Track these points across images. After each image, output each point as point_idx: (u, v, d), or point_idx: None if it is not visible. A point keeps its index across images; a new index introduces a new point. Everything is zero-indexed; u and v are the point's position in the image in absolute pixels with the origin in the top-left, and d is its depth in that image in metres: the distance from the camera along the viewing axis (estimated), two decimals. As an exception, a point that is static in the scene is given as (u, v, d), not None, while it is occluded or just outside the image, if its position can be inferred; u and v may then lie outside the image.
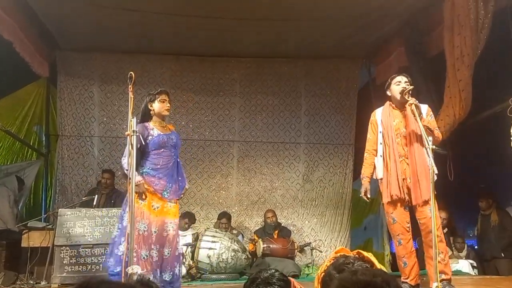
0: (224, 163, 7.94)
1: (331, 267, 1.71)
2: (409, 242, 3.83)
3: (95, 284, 0.86)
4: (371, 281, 1.14)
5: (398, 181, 3.78)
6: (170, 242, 3.91)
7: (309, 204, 7.95)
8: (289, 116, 8.10)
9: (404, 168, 3.80)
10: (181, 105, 7.90)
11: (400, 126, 3.89)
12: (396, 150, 3.84)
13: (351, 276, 1.18)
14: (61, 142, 7.59)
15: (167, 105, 4.10)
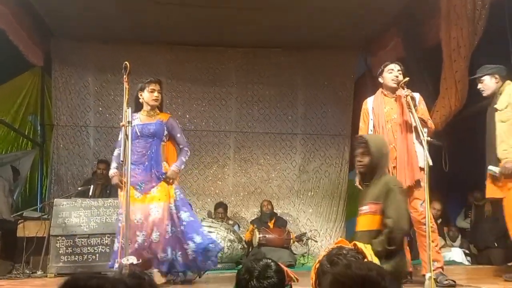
0: (221, 153, 7.93)
1: (324, 258, 1.72)
2: None
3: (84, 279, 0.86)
4: (366, 275, 1.14)
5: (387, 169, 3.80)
6: (157, 225, 3.83)
7: (305, 195, 7.97)
8: (285, 107, 8.09)
9: (394, 155, 3.82)
10: (177, 95, 7.87)
11: (391, 113, 3.91)
12: (386, 137, 3.84)
13: (345, 270, 1.18)
14: (56, 132, 7.56)
15: (155, 95, 4.03)
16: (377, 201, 2.77)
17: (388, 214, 2.72)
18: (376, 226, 2.75)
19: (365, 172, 2.93)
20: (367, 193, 2.89)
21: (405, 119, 3.78)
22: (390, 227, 2.68)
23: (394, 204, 2.74)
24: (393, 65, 3.95)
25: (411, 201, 3.74)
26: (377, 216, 2.76)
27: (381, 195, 2.76)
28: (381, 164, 2.90)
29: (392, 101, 3.92)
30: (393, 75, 3.87)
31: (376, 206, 2.77)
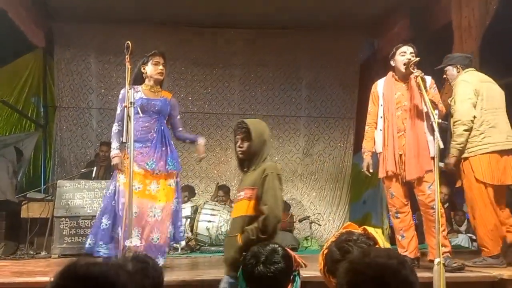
0: (224, 136, 7.87)
1: (334, 243, 1.67)
2: (407, 215, 3.81)
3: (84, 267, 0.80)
4: (386, 263, 1.08)
5: (394, 157, 3.73)
6: (157, 227, 3.65)
7: (309, 178, 7.93)
8: (289, 89, 7.99)
9: (402, 143, 3.74)
10: (179, 77, 7.78)
11: (401, 99, 3.80)
12: (395, 124, 3.76)
13: (363, 258, 1.11)
14: (59, 114, 7.51)
15: (160, 67, 3.82)
16: (253, 186, 2.68)
17: (264, 201, 2.61)
18: (250, 212, 2.66)
19: (245, 158, 2.83)
20: (245, 179, 2.80)
21: (415, 103, 3.68)
22: (266, 214, 2.57)
23: (270, 190, 2.64)
24: (405, 47, 3.80)
25: (419, 184, 3.68)
26: (252, 201, 2.67)
27: (258, 180, 2.66)
28: (261, 150, 2.80)
29: (404, 86, 3.79)
30: (405, 58, 3.74)
31: (252, 191, 2.67)
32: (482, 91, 3.86)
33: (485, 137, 3.78)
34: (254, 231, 2.57)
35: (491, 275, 3.20)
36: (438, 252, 2.64)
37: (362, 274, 1.06)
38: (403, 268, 1.08)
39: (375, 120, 3.94)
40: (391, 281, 1.05)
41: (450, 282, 2.68)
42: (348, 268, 1.10)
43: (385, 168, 3.79)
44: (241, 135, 2.80)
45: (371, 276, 1.05)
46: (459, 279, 3.17)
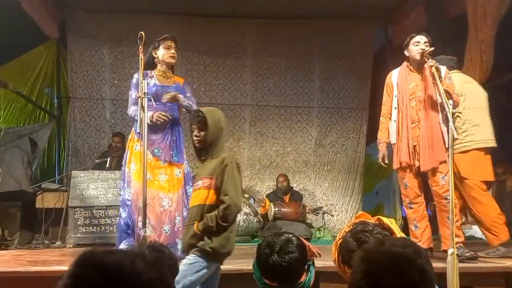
0: (236, 127, 7.87)
1: (349, 234, 1.66)
2: (421, 206, 3.79)
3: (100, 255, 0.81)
4: (401, 252, 1.07)
5: (408, 148, 3.71)
6: (170, 217, 3.65)
7: (321, 169, 7.91)
8: (302, 80, 7.95)
9: (416, 134, 3.71)
10: (192, 67, 7.78)
11: (416, 90, 3.76)
12: (409, 115, 3.73)
13: (378, 247, 1.10)
14: (72, 105, 7.57)
15: (172, 51, 3.81)
16: (211, 175, 2.67)
17: (225, 191, 2.62)
18: (209, 201, 2.66)
19: (202, 147, 2.81)
20: (203, 169, 2.78)
21: (429, 94, 3.63)
22: (228, 203, 2.58)
23: (231, 180, 2.64)
24: (419, 37, 3.75)
25: (434, 174, 3.65)
26: (211, 190, 2.66)
27: (217, 170, 2.66)
28: (218, 139, 2.79)
29: (418, 77, 3.74)
30: (419, 48, 3.68)
31: (210, 180, 2.67)
32: (465, 91, 4.04)
33: (468, 135, 3.97)
34: (213, 219, 2.58)
35: (504, 265, 3.17)
36: (452, 242, 2.62)
37: (377, 263, 1.06)
38: (419, 258, 1.08)
39: (389, 111, 3.91)
40: (406, 270, 1.05)
41: (463, 272, 2.67)
42: (363, 257, 1.10)
43: (399, 159, 3.77)
44: (198, 124, 2.78)
45: (386, 265, 1.05)
46: (473, 270, 3.15)
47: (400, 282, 1.03)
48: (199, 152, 2.86)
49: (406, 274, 1.04)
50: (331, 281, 2.96)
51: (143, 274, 0.79)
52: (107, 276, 0.77)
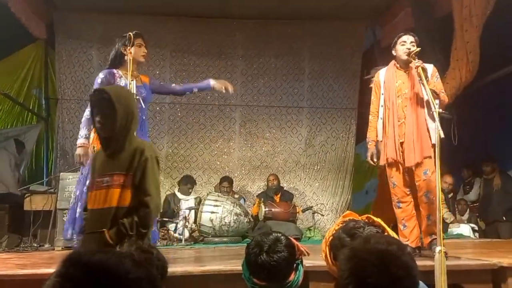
0: (226, 127, 7.88)
1: (341, 231, 1.67)
2: (409, 205, 3.81)
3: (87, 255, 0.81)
4: (387, 249, 1.10)
5: (395, 144, 3.73)
6: None
7: (311, 169, 7.94)
8: (292, 80, 7.98)
9: (403, 131, 3.74)
10: (182, 68, 7.78)
11: (402, 87, 3.79)
12: (396, 112, 3.76)
13: (364, 244, 1.13)
14: (61, 106, 7.52)
15: (144, 50, 3.62)
16: (126, 171, 2.22)
17: (146, 190, 2.20)
18: (124, 203, 2.20)
19: (108, 135, 2.30)
20: (110, 162, 2.28)
21: (415, 92, 3.67)
22: (151, 207, 2.19)
23: (152, 177, 2.23)
24: (406, 37, 3.79)
25: (416, 169, 3.67)
26: (126, 190, 2.21)
27: (134, 164, 2.22)
28: (129, 125, 2.29)
29: (405, 75, 3.78)
30: (405, 47, 3.73)
31: (125, 178, 2.21)
32: None
33: None
34: (133, 226, 2.16)
35: (491, 263, 3.20)
36: (440, 240, 2.65)
37: (363, 260, 1.08)
38: (403, 254, 1.11)
39: (377, 109, 3.94)
40: (391, 267, 1.08)
41: (450, 270, 2.69)
42: (349, 255, 1.12)
43: (385, 155, 3.80)
44: (102, 108, 2.28)
45: (372, 262, 1.07)
46: (459, 267, 3.17)
47: (385, 278, 1.06)
48: (105, 142, 2.34)
49: (392, 270, 1.07)
50: (321, 280, 2.97)
51: (130, 273, 0.80)
52: (94, 274, 0.78)
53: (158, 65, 7.74)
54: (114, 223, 2.18)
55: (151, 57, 7.65)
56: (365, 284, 1.06)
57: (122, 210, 2.21)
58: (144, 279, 0.81)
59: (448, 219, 6.16)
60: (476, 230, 6.28)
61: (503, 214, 6.10)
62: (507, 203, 6.11)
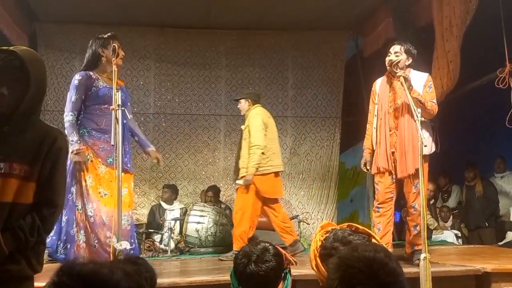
0: (211, 137, 7.87)
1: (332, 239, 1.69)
2: (388, 211, 3.86)
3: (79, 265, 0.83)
4: (374, 256, 1.12)
5: (386, 154, 3.79)
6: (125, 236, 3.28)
7: (296, 178, 7.96)
8: (276, 90, 8.02)
9: (394, 141, 3.79)
10: (166, 78, 7.77)
11: (395, 97, 3.85)
12: (388, 123, 3.82)
13: (352, 252, 1.15)
14: (43, 117, 7.41)
15: (122, 53, 3.53)
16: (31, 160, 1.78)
17: (54, 187, 1.82)
18: (25, 198, 1.77)
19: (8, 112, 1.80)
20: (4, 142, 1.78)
21: (407, 102, 3.72)
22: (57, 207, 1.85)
23: (61, 172, 1.88)
24: (392, 47, 3.85)
25: (408, 181, 3.73)
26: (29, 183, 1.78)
27: (42, 154, 1.79)
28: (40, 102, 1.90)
29: (398, 84, 3.80)
30: (389, 58, 3.79)
31: (30, 168, 1.77)
32: (268, 124, 4.90)
33: (269, 161, 4.78)
34: (34, 230, 1.76)
35: (475, 268, 3.26)
36: (425, 247, 2.69)
37: (352, 267, 1.11)
38: (390, 261, 1.14)
39: (373, 118, 3.99)
40: (379, 273, 1.10)
41: (435, 276, 2.73)
42: (338, 264, 1.14)
43: (376, 165, 3.85)
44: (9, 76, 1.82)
45: (360, 269, 1.10)
46: (444, 274, 3.23)
47: (374, 284, 1.08)
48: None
49: (380, 277, 1.10)
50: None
51: (121, 283, 0.81)
52: (86, 284, 0.79)
53: (142, 75, 7.71)
54: (8, 223, 1.73)
55: (135, 67, 7.65)
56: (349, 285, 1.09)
57: (19, 208, 1.76)
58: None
59: (431, 225, 6.24)
60: (459, 236, 6.37)
61: (486, 220, 6.20)
62: (489, 209, 6.21)
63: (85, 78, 3.47)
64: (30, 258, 1.81)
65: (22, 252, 1.78)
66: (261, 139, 4.69)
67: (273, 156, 4.86)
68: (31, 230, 1.76)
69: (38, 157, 1.80)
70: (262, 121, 4.81)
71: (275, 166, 4.89)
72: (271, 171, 4.79)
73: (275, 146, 4.97)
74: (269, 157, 4.80)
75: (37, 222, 1.78)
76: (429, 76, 3.90)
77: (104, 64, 3.59)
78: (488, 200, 6.23)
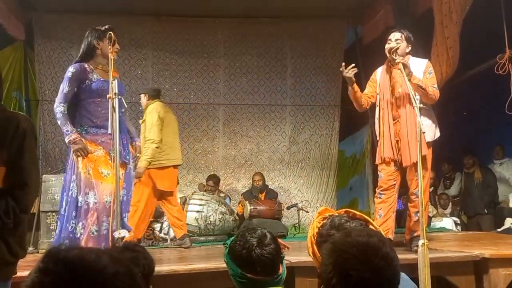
0: (210, 126, 7.86)
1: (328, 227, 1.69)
2: (390, 198, 3.85)
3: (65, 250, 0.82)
4: (368, 241, 1.12)
5: (391, 143, 3.78)
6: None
7: (296, 166, 7.97)
8: (274, 78, 8.00)
9: (398, 129, 3.78)
10: (164, 67, 7.74)
11: (396, 86, 3.82)
12: (390, 112, 3.80)
13: (345, 238, 1.15)
14: (41, 108, 7.41)
15: (117, 46, 3.49)
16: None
17: (23, 168, 1.86)
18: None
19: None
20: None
21: (405, 90, 3.70)
22: (29, 187, 1.87)
23: (29, 153, 1.91)
24: (392, 34, 3.81)
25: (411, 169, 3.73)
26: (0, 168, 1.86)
27: (7, 138, 1.87)
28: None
29: (398, 73, 3.75)
30: (389, 45, 3.76)
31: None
32: (165, 118, 4.94)
33: (165, 155, 4.87)
34: (10, 211, 1.82)
35: (473, 254, 3.27)
36: (423, 233, 2.69)
37: (345, 252, 1.11)
38: (384, 246, 1.14)
39: (368, 96, 3.96)
40: (373, 258, 1.11)
41: (433, 262, 2.75)
42: (332, 249, 1.14)
43: (380, 155, 3.84)
44: None
45: (354, 254, 1.10)
46: (442, 259, 3.24)
47: (367, 269, 1.09)
48: None
49: (373, 261, 1.10)
50: (306, 275, 3.00)
51: (108, 268, 0.81)
52: (72, 269, 0.79)
53: (140, 65, 7.68)
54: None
55: (132, 57, 7.61)
56: (348, 276, 1.09)
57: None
58: (122, 274, 0.83)
59: (430, 212, 6.26)
60: (458, 223, 6.39)
61: (484, 207, 6.22)
62: (488, 196, 6.22)
63: (79, 70, 3.43)
64: (11, 243, 1.82)
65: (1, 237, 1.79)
66: (156, 133, 4.79)
67: (169, 150, 4.96)
68: (6, 212, 1.78)
69: (3, 142, 1.83)
70: (158, 116, 4.88)
71: (172, 160, 4.99)
72: (167, 164, 4.91)
73: (172, 140, 5.05)
74: (165, 151, 4.90)
75: (11, 203, 1.80)
76: (428, 62, 3.88)
77: (99, 56, 3.55)
78: (487, 187, 6.24)
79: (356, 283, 1.09)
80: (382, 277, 1.11)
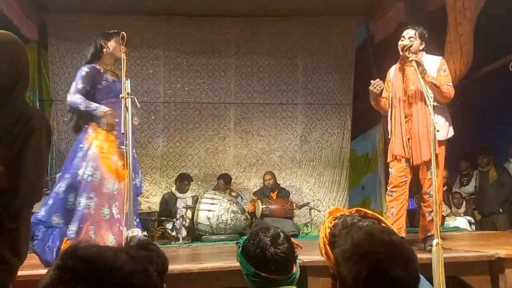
0: (221, 125, 7.87)
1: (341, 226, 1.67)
2: (402, 195, 3.81)
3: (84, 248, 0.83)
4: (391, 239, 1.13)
5: (402, 141, 3.75)
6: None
7: (307, 165, 7.95)
8: (286, 77, 7.98)
9: (409, 128, 3.75)
10: (175, 67, 7.76)
11: (408, 84, 3.79)
12: (402, 110, 3.77)
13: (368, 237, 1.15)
14: (55, 107, 7.49)
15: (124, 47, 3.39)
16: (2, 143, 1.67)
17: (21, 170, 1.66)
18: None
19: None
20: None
21: (418, 88, 3.66)
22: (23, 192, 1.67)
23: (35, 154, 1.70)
24: (406, 31, 3.76)
25: (423, 168, 3.70)
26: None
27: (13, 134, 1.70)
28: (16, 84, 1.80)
29: (411, 70, 3.71)
30: (403, 43, 3.71)
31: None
32: None
33: None
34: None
35: (488, 254, 3.23)
36: (437, 233, 2.66)
37: (379, 253, 1.11)
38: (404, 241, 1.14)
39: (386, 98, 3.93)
40: (405, 254, 1.12)
41: (448, 262, 2.71)
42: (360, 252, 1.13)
43: (392, 153, 3.82)
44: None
45: (388, 254, 1.10)
46: (457, 259, 3.20)
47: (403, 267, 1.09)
48: None
49: (406, 258, 1.12)
50: (319, 275, 2.99)
51: (125, 265, 0.82)
52: (90, 266, 0.80)
53: (151, 64, 7.72)
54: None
55: (144, 56, 7.66)
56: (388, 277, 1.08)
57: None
58: (138, 272, 0.83)
59: (444, 211, 6.19)
60: (472, 222, 6.31)
61: (499, 206, 6.14)
62: (503, 195, 6.14)
63: (93, 71, 3.49)
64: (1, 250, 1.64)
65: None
66: None
67: None
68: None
69: (6, 138, 1.67)
70: None
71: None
72: None
73: None
74: None
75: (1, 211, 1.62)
76: (442, 59, 3.82)
77: (106, 56, 3.60)
78: (502, 186, 6.15)
79: (394, 281, 1.08)
80: (416, 274, 1.12)
